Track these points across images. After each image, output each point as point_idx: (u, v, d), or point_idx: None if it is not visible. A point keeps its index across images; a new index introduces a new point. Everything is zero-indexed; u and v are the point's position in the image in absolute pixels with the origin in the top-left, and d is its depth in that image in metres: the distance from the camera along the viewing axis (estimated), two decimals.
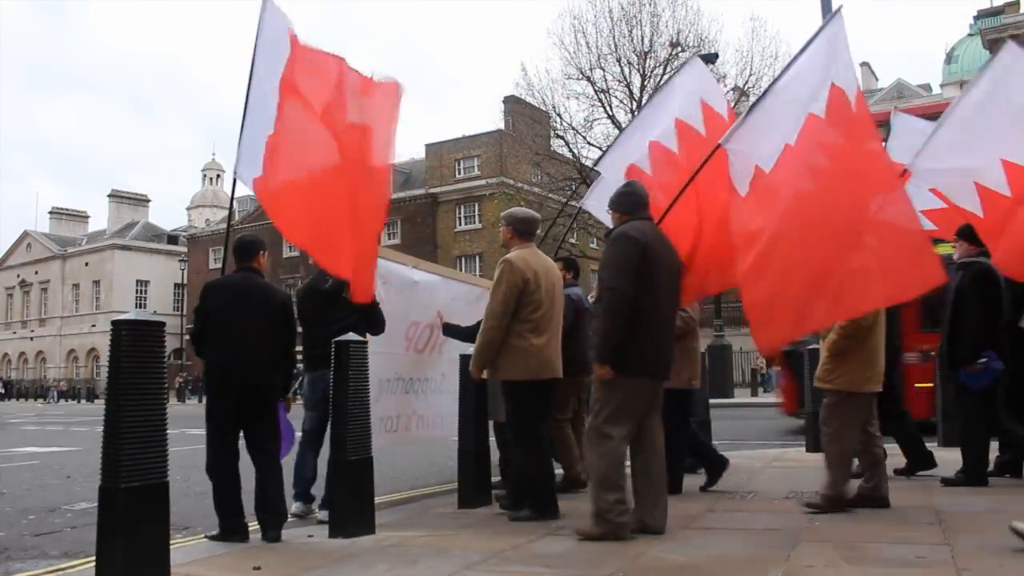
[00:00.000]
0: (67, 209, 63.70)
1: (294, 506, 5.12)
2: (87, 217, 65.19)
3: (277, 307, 4.42)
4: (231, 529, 4.24)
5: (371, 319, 4.98)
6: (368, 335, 4.69)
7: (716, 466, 5.56)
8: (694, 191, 4.44)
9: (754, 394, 20.26)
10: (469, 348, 4.85)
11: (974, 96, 5.06)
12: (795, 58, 4.44)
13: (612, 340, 3.86)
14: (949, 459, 5.75)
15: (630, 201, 4.16)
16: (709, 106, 5.21)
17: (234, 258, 4.55)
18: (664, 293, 3.99)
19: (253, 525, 4.75)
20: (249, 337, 4.24)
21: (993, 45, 25.09)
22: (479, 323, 4.67)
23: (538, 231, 4.93)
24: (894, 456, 5.45)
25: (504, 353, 4.45)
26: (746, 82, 24.72)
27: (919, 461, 5.85)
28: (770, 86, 4.53)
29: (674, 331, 4.21)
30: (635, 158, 5.26)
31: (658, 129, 5.34)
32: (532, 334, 4.43)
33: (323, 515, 4.80)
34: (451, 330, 5.58)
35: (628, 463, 4.05)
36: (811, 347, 7.42)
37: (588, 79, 25.56)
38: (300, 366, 5.18)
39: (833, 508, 4.41)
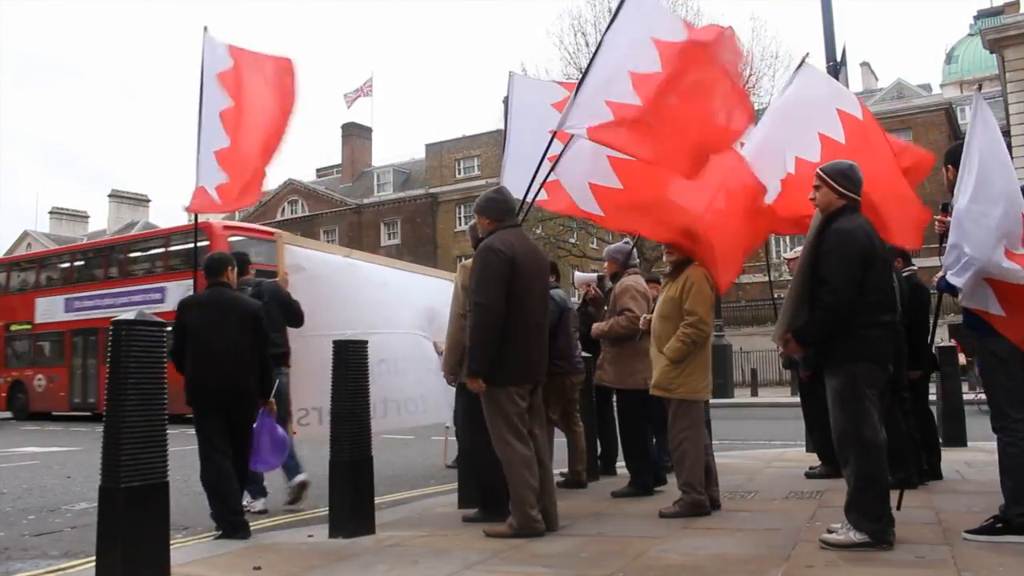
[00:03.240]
0: (67, 209, 63.66)
1: (260, 502, 5.45)
2: (87, 217, 65.16)
3: (252, 318, 4.64)
4: (235, 527, 4.28)
5: (287, 312, 5.31)
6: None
7: (644, 480, 5.45)
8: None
9: (754, 394, 20.25)
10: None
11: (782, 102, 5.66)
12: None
13: (483, 353, 3.98)
14: (948, 459, 5.76)
15: (499, 208, 4.24)
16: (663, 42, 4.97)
17: (205, 275, 4.80)
18: (534, 301, 4.08)
19: (254, 524, 4.75)
20: (230, 351, 4.49)
21: (993, 45, 25.08)
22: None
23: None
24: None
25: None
26: (746, 82, 24.70)
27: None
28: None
29: (546, 337, 4.27)
30: (612, 95, 4.83)
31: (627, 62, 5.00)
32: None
33: (259, 505, 5.41)
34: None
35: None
36: None
37: None
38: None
39: (694, 513, 4.49)
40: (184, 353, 4.50)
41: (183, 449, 7.13)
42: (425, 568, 3.52)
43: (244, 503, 5.06)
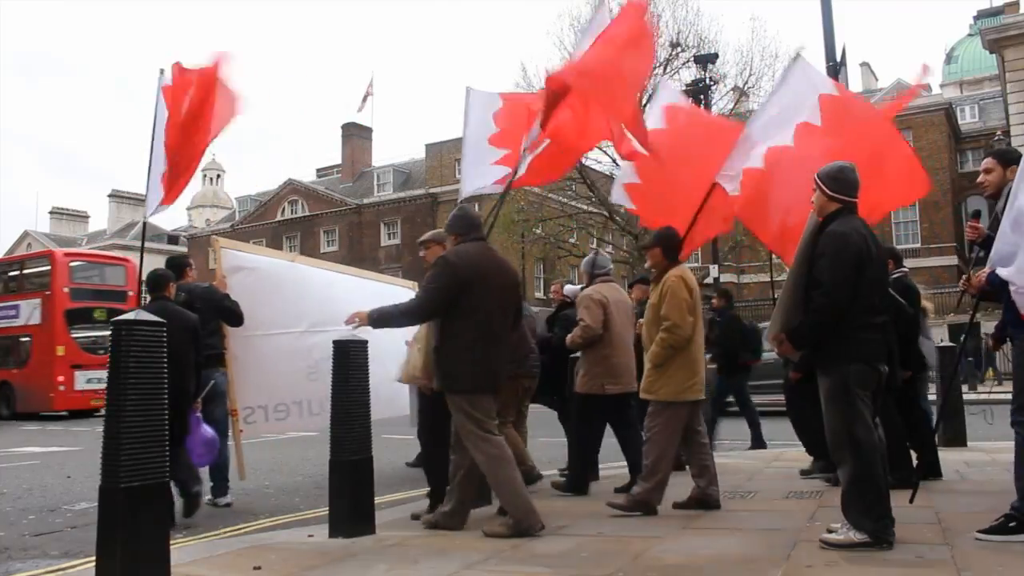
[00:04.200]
0: (67, 209, 63.62)
1: (228, 497, 5.82)
2: (87, 217, 65.13)
3: (192, 329, 5.08)
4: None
5: (224, 313, 5.63)
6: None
7: (580, 481, 5.55)
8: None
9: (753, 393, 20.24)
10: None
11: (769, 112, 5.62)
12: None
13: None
14: (948, 459, 5.75)
15: (462, 224, 4.37)
16: None
17: (147, 290, 5.33)
18: (494, 311, 4.16)
19: (255, 524, 4.75)
20: (173, 358, 4.63)
21: (993, 45, 25.09)
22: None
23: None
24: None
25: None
26: (746, 82, 24.73)
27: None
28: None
29: (506, 345, 4.37)
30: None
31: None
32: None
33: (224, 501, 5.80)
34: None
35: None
36: None
37: None
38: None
39: (638, 510, 4.56)
40: None
41: None
42: (425, 568, 3.52)
43: (208, 498, 5.58)
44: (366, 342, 4.40)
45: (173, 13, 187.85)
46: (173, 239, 57.10)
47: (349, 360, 4.24)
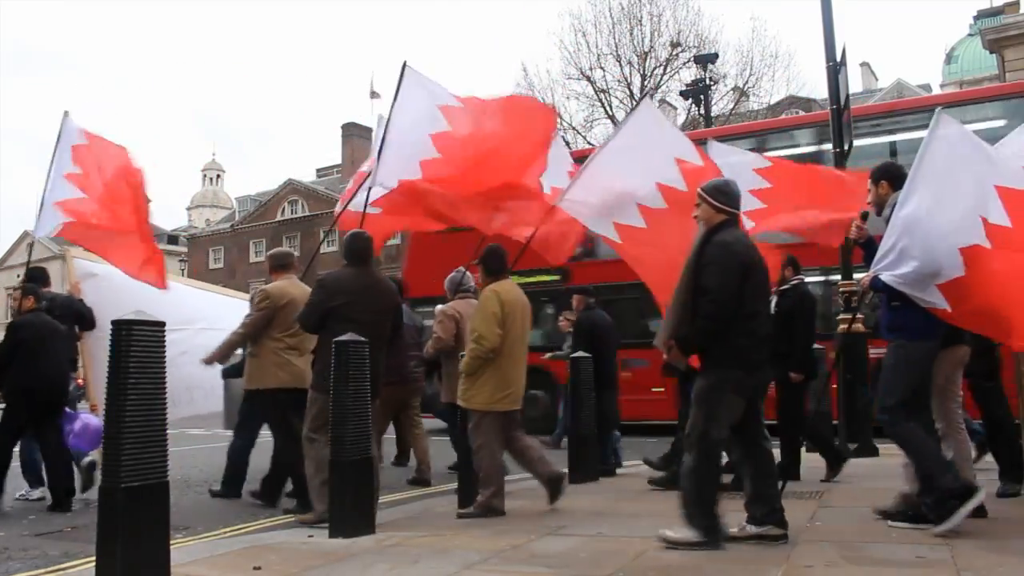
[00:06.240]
0: None
1: (39, 491, 6.16)
2: None
3: (67, 337, 5.92)
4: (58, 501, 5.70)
5: (78, 319, 6.29)
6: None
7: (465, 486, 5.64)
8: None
9: None
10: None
11: (617, 143, 6.00)
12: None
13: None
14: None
15: (348, 251, 4.98)
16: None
17: (35, 301, 6.04)
18: (366, 324, 4.58)
19: (255, 524, 4.75)
20: (60, 364, 5.87)
21: (993, 45, 25.08)
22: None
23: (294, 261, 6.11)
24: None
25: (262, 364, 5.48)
26: (746, 82, 24.76)
27: (835, 460, 6.03)
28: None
29: (382, 356, 4.85)
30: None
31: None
32: (289, 350, 5.46)
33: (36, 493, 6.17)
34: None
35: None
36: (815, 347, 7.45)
37: (588, 79, 25.60)
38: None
39: (488, 515, 4.73)
40: (10, 363, 5.71)
41: (183, 449, 7.14)
42: (425, 568, 3.52)
43: (22, 492, 6.13)
44: (367, 342, 4.41)
45: (173, 13, 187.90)
46: (173, 239, 57.14)
47: (349, 360, 4.24)
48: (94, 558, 3.15)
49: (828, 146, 8.47)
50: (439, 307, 6.01)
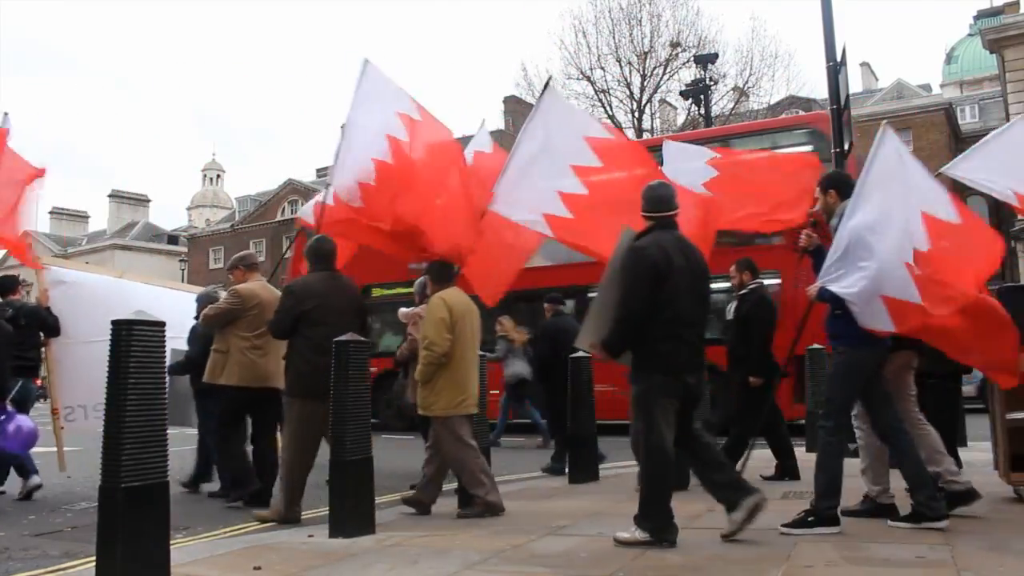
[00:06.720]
0: (67, 209, 63.56)
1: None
2: (87, 217, 65.08)
3: (9, 339, 5.93)
4: None
5: (44, 326, 6.48)
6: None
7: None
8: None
9: None
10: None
11: (529, 135, 5.82)
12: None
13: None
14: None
15: (311, 256, 5.19)
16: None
17: None
18: (337, 325, 4.68)
19: (256, 525, 4.75)
20: (5, 365, 5.95)
21: (993, 45, 25.08)
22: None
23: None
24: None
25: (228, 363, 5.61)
26: (746, 82, 24.74)
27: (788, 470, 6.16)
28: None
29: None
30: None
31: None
32: (254, 350, 5.58)
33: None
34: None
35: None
36: (812, 347, 7.46)
37: (588, 79, 25.62)
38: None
39: (488, 513, 4.79)
40: None
41: (183, 449, 7.13)
42: (425, 568, 3.52)
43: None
44: (367, 342, 4.43)
45: (173, 13, 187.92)
46: (173, 239, 57.14)
47: (349, 360, 4.24)
48: (94, 558, 3.15)
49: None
50: (405, 310, 6.03)
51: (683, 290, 3.85)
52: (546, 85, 6.06)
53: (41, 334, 6.57)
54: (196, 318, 6.27)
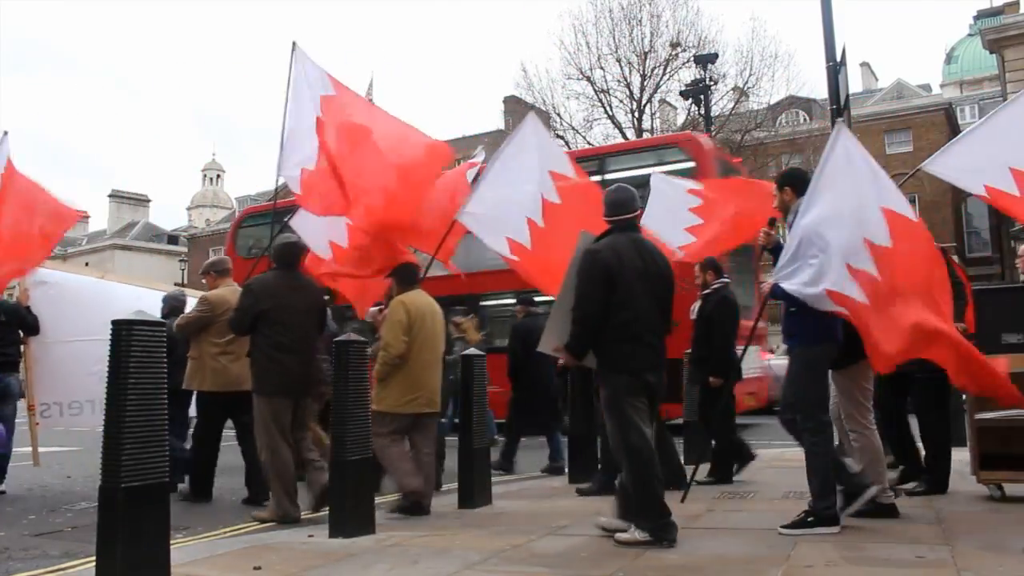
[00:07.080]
0: None
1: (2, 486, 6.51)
2: (87, 217, 65.04)
3: None
4: None
5: (22, 324, 6.58)
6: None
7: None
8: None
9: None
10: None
11: (505, 155, 5.97)
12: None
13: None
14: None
15: (274, 255, 5.28)
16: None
17: None
18: (293, 328, 4.97)
19: (256, 525, 4.74)
20: None
21: (993, 45, 25.07)
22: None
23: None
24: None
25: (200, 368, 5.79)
26: (746, 82, 24.71)
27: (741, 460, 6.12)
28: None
29: (306, 358, 5.08)
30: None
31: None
32: (224, 355, 5.73)
33: None
34: None
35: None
36: None
37: (588, 79, 25.55)
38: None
39: (413, 512, 4.86)
40: None
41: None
42: (425, 568, 3.52)
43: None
44: (367, 342, 4.43)
45: (173, 13, 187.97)
46: (173, 239, 57.17)
47: (349, 360, 4.24)
48: (94, 558, 3.15)
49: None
50: (373, 310, 6.03)
51: (639, 292, 3.86)
52: (529, 111, 6.23)
53: (20, 332, 6.67)
54: (163, 318, 6.26)
